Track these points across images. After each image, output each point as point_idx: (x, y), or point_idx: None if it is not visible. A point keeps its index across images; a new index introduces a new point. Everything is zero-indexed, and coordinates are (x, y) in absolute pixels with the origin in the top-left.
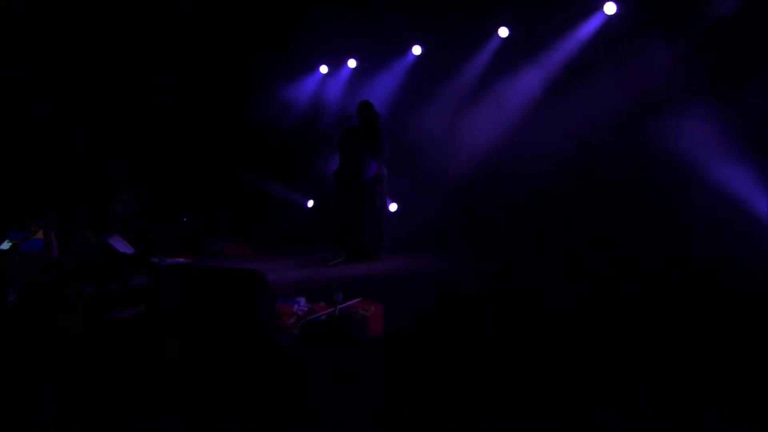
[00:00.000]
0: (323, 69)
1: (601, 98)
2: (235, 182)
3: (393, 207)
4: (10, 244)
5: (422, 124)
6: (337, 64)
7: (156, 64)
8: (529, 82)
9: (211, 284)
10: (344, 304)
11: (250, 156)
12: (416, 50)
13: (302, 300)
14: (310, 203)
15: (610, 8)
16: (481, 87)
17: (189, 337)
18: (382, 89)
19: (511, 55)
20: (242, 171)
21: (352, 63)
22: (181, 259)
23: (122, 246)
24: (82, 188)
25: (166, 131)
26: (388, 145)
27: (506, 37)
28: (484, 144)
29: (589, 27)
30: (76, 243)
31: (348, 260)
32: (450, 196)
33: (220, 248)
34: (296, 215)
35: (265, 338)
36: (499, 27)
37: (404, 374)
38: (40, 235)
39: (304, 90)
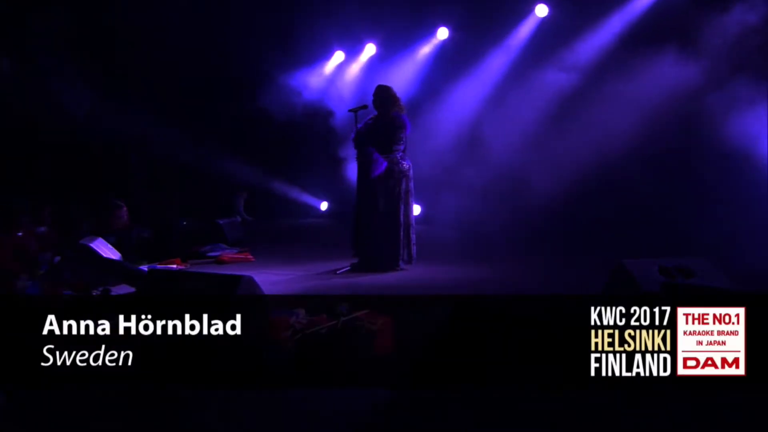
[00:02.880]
0: (339, 55)
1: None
2: (239, 182)
3: (417, 210)
4: None
5: (448, 116)
6: (354, 50)
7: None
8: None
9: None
10: (348, 317)
11: (257, 153)
12: (442, 33)
13: (301, 311)
14: (324, 205)
15: None
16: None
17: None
18: (403, 77)
19: (555, 32)
20: (247, 170)
21: (371, 48)
22: (174, 266)
23: (106, 250)
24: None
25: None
26: (405, 137)
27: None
28: (518, 138)
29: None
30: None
31: (361, 269)
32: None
33: (217, 255)
34: (309, 218)
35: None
36: (537, 4)
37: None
38: None
39: (317, 79)
